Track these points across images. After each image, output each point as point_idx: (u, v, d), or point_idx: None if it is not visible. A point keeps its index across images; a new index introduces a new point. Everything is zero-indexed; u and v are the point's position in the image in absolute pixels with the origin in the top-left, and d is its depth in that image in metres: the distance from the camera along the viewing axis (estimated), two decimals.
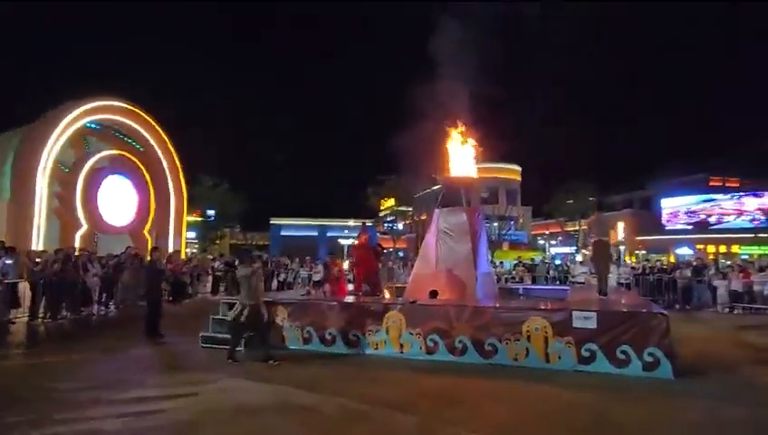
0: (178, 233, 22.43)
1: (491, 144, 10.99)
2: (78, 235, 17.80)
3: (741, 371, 6.80)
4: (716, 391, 5.74)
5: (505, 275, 18.92)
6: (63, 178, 17.95)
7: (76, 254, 12.44)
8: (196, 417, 4.68)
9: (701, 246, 36.45)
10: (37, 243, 15.61)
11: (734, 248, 35.71)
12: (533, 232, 48.88)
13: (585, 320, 6.63)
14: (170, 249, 20.17)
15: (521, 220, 45.22)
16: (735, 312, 13.73)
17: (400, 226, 44.62)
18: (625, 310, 7.07)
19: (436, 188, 27.78)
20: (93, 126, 19.07)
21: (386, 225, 44.58)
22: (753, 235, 34.18)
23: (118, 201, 19.96)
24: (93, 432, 4.25)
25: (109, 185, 19.57)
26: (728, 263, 18.62)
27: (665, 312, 6.78)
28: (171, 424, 4.49)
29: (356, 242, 10.71)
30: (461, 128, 10.38)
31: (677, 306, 14.57)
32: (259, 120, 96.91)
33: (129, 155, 20.58)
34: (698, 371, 6.55)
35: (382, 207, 43.68)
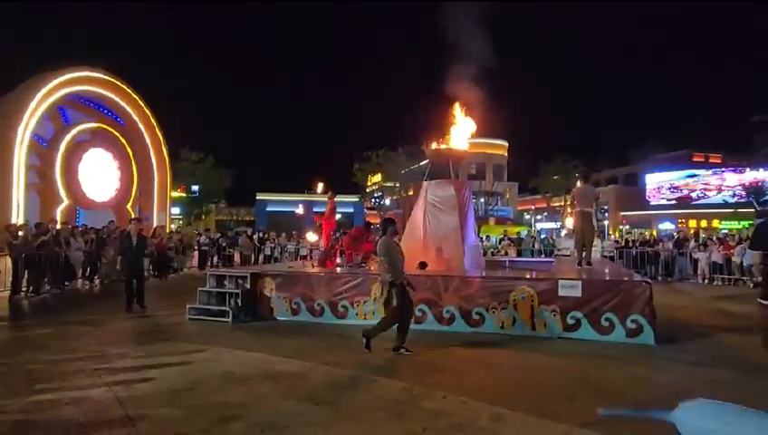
0: (163, 208, 22.11)
1: (479, 119, 10.91)
2: (59, 209, 17.44)
3: (719, 337, 6.99)
4: (695, 355, 5.90)
5: (491, 250, 19.11)
6: (42, 151, 17.48)
7: (57, 227, 12.19)
8: (186, 385, 4.67)
9: (682, 221, 37.12)
10: (17, 218, 15.26)
11: (715, 223, 36.45)
12: (519, 207, 49.23)
13: (571, 289, 6.72)
14: (155, 225, 19.91)
15: (507, 196, 45.52)
16: (715, 283, 14.07)
17: (387, 201, 44.56)
18: (609, 278, 7.18)
19: (423, 163, 27.72)
20: (72, 98, 18.48)
21: (373, 200, 44.52)
22: (732, 210, 34.86)
23: (100, 176, 19.53)
24: (79, 400, 4.21)
25: (90, 159, 19.11)
26: (708, 236, 18.99)
27: (648, 280, 6.90)
28: (160, 392, 4.47)
29: (325, 212, 10.51)
30: (452, 102, 10.31)
31: (660, 278, 14.87)
32: (245, 94, 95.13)
33: (109, 128, 20.07)
34: (679, 337, 6.72)
35: (369, 183, 43.50)
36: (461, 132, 10.27)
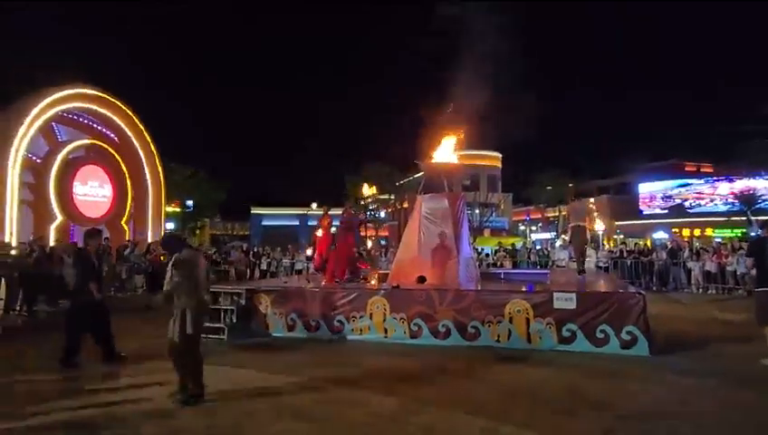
0: (157, 223, 22.03)
1: (472, 131, 11.01)
2: (52, 227, 17.35)
3: (713, 346, 7.01)
4: (689, 366, 5.92)
5: (487, 261, 19.15)
6: (35, 168, 17.44)
7: (51, 245, 12.13)
8: (177, 405, 4.62)
9: (676, 230, 37.31)
10: (10, 236, 15.17)
11: (708, 231, 36.64)
12: (514, 218, 49.37)
13: (565, 301, 6.74)
14: (149, 240, 19.83)
15: (501, 207, 45.66)
16: (710, 292, 14.13)
17: (382, 214, 44.62)
18: (604, 290, 7.22)
19: (418, 175, 27.85)
20: (65, 115, 18.51)
21: (368, 213, 44.53)
22: (726, 218, 35.12)
23: (94, 192, 19.49)
24: (71, 423, 4.18)
25: (84, 175, 19.08)
26: (702, 246, 19.09)
27: (642, 291, 6.94)
28: (151, 412, 4.44)
29: (320, 229, 10.64)
30: (444, 115, 10.39)
31: (654, 288, 14.93)
32: (239, 107, 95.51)
33: (103, 144, 20.06)
34: (673, 348, 6.74)
35: (364, 196, 43.55)
36: (454, 146, 10.35)
